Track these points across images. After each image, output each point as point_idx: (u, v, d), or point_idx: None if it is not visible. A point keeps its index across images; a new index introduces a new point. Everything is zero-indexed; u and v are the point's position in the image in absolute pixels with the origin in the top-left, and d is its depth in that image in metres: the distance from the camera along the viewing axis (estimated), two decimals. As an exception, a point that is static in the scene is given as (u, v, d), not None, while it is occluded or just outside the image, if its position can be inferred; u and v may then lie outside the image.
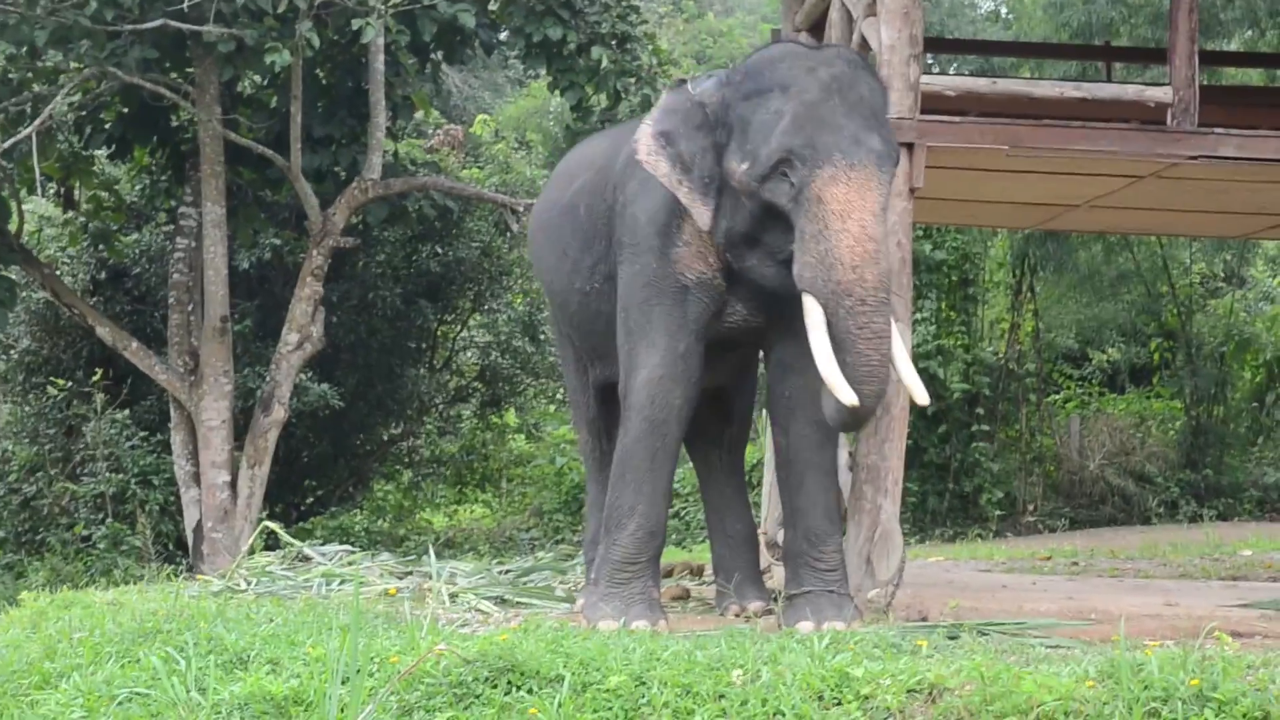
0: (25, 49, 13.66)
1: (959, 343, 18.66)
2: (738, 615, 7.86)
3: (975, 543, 16.36)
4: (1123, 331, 22.26)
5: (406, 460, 19.91)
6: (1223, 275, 22.78)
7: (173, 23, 13.06)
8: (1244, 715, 4.92)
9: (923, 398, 7.12)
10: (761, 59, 7.29)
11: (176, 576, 10.73)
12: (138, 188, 17.05)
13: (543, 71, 15.64)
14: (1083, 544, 14.84)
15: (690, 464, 9.37)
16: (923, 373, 17.46)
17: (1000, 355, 19.71)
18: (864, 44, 8.59)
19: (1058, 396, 21.38)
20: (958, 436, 18.43)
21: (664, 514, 7.53)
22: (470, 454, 21.02)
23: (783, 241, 6.99)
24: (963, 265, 18.85)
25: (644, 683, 5.41)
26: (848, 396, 6.67)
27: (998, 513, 18.23)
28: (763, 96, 7.04)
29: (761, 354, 8.11)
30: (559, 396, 22.03)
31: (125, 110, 15.27)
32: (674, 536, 17.84)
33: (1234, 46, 19.21)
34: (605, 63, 14.43)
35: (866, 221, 6.74)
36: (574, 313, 8.34)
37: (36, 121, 13.42)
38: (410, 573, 9.44)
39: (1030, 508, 18.83)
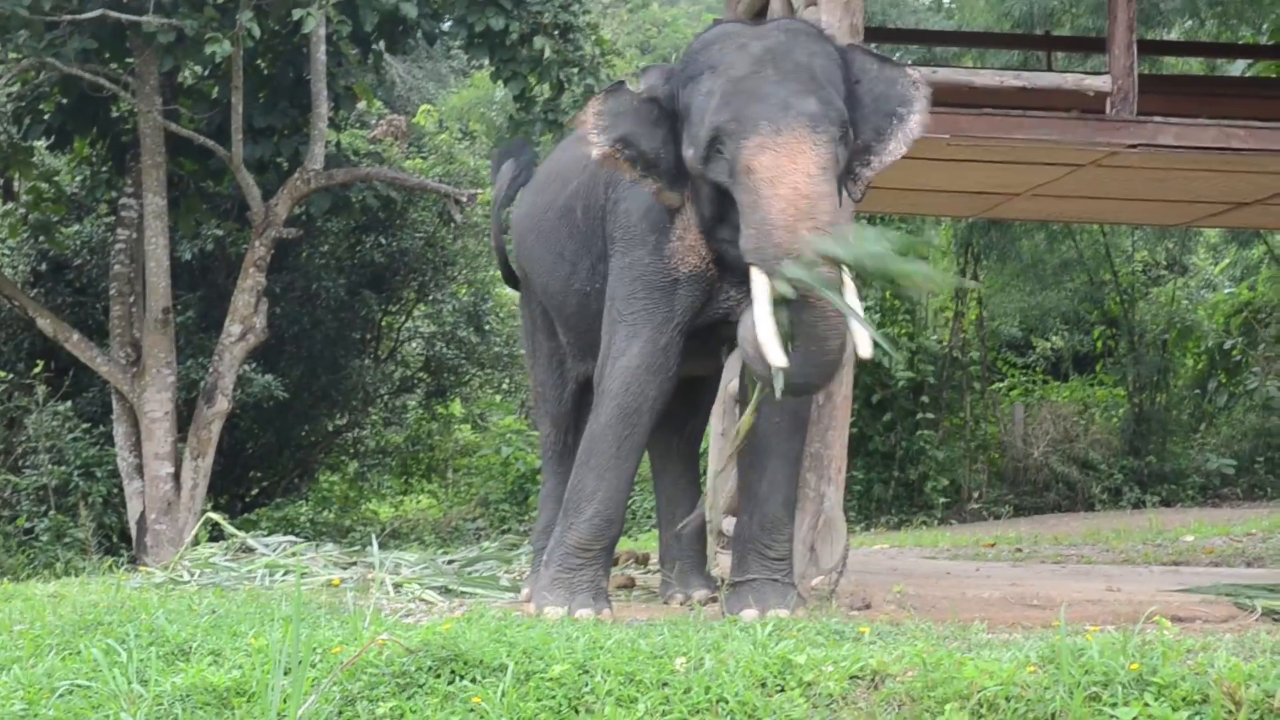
0: (-38, 39, 13.54)
1: (903, 331, 18.74)
2: (682, 603, 7.87)
3: (920, 530, 16.45)
4: (1066, 319, 22.45)
5: (351, 451, 19.86)
6: (1164, 263, 22.96)
7: (112, 13, 12.98)
8: (1183, 699, 4.94)
9: (866, 349, 6.64)
10: (698, 43, 7.18)
11: (119, 568, 10.66)
12: (78, 179, 16.94)
13: (486, 62, 15.59)
14: (1026, 531, 14.95)
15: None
16: (866, 362, 17.85)
17: (944, 343, 19.81)
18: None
19: (1002, 384, 21.52)
20: (902, 424, 18.51)
21: (623, 504, 7.41)
22: (416, 444, 21.01)
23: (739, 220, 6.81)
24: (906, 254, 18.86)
25: (587, 671, 5.40)
26: (779, 359, 6.44)
27: (942, 500, 18.32)
28: (697, 80, 6.93)
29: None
30: (504, 386, 22.04)
31: (64, 101, 15.15)
32: (620, 525, 17.83)
33: (1173, 36, 19.33)
34: (548, 53, 14.40)
35: (799, 183, 6.49)
36: (571, 314, 8.20)
37: (-26, 112, 13.34)
38: (354, 563, 9.43)
39: (975, 495, 18.95)
